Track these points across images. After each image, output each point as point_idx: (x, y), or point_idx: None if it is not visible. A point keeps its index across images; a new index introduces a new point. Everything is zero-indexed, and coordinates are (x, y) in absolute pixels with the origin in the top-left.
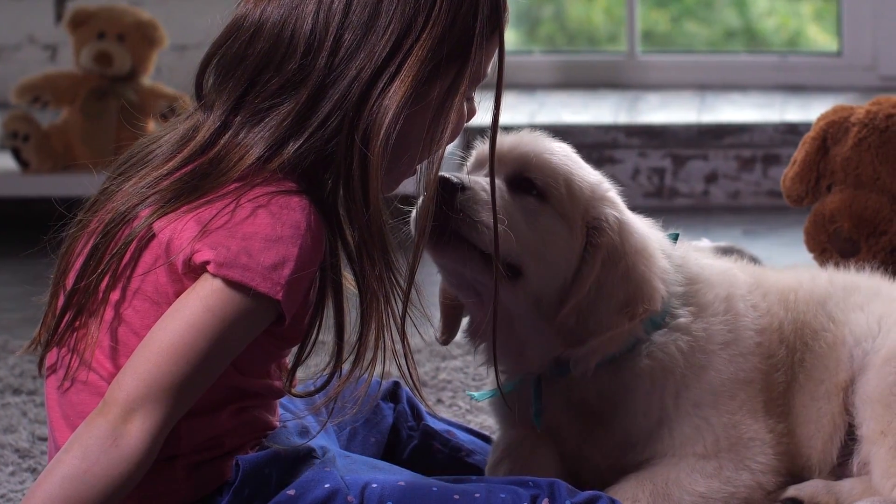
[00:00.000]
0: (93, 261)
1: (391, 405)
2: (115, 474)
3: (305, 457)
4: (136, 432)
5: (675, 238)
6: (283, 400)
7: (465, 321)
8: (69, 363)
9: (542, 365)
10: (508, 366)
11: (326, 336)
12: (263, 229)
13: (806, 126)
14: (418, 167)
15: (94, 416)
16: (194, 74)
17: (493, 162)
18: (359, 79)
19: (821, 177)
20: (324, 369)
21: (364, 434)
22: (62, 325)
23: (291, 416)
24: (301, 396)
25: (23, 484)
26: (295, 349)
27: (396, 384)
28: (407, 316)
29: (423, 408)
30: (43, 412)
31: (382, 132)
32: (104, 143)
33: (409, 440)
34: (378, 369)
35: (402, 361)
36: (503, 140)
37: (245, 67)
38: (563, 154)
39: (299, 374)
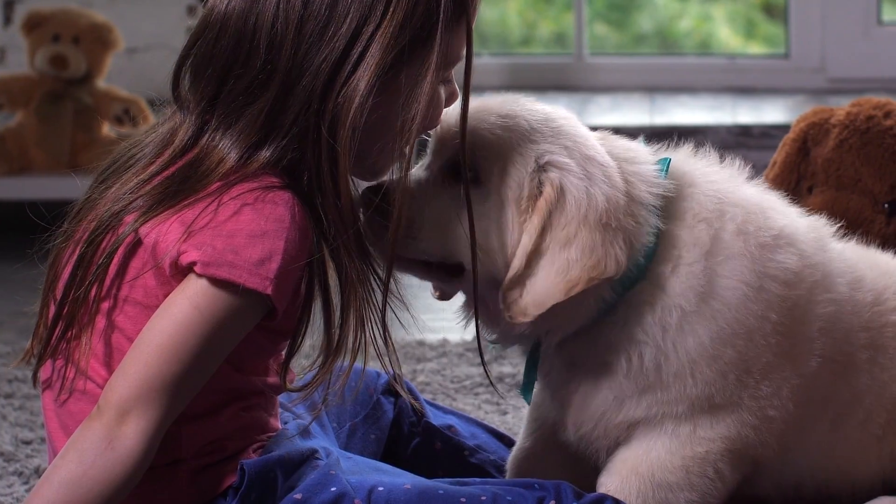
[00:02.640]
0: (80, 270)
1: (391, 399)
2: (112, 477)
3: (308, 458)
4: (131, 434)
5: (665, 164)
6: (282, 400)
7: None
8: (65, 375)
9: (526, 337)
10: (499, 339)
11: (319, 330)
12: (248, 226)
13: (759, 128)
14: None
15: (88, 421)
16: (171, 75)
17: (464, 145)
18: (322, 70)
19: (801, 178)
20: (312, 363)
21: (364, 431)
22: (54, 336)
23: (293, 416)
24: (297, 391)
25: (10, 487)
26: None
27: (396, 377)
28: (388, 307)
29: (424, 401)
30: (23, 415)
31: (349, 122)
32: (59, 146)
33: (411, 436)
34: (372, 363)
35: (384, 352)
36: (449, 115)
37: (215, 66)
38: (503, 126)
39: (297, 369)
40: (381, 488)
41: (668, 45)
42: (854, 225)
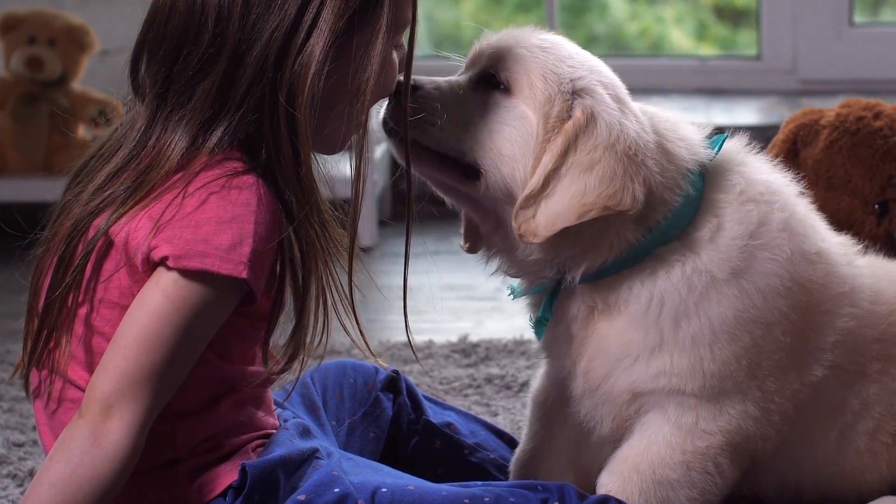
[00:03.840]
0: (58, 277)
1: (390, 396)
2: (100, 473)
3: (309, 458)
4: (116, 428)
5: (719, 142)
6: (277, 397)
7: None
8: (51, 385)
9: (545, 269)
10: (520, 272)
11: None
12: (216, 213)
13: (733, 129)
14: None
15: (74, 420)
16: (128, 65)
17: (407, 85)
18: (274, 39)
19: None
20: (288, 345)
21: (363, 429)
22: (38, 346)
23: (292, 415)
24: (280, 374)
25: (5, 490)
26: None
27: (396, 373)
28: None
29: (422, 399)
30: (13, 418)
31: (307, 88)
32: (35, 148)
33: (410, 434)
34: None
35: (350, 324)
36: (485, 39)
37: (167, 47)
38: (541, 47)
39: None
40: (384, 489)
41: (620, 47)
42: (845, 226)
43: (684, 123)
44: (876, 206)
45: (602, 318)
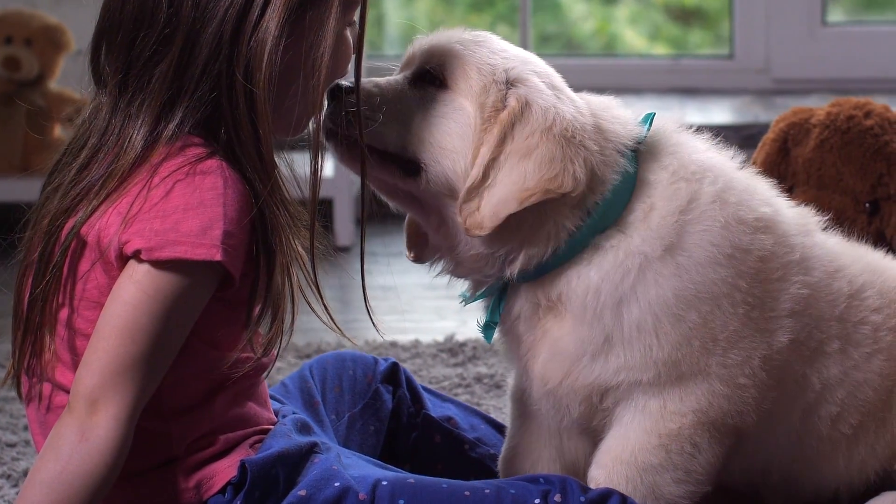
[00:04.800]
0: (38, 276)
1: (390, 388)
2: (90, 469)
3: (308, 453)
4: (103, 422)
5: (649, 119)
6: (275, 392)
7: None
8: (41, 391)
9: (487, 266)
10: (463, 272)
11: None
12: (183, 201)
13: (706, 128)
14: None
15: (61, 418)
16: (87, 56)
17: (359, 71)
18: (228, 16)
19: (782, 178)
20: (270, 328)
21: (363, 422)
22: (25, 350)
23: (292, 411)
24: (263, 356)
25: (0, 490)
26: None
27: (395, 365)
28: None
29: (422, 392)
30: (4, 418)
31: (265, 64)
32: (12, 148)
33: (411, 428)
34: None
35: (316, 301)
36: (418, 41)
37: (123, 32)
38: (475, 41)
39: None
40: (384, 482)
41: (573, 47)
42: (836, 224)
43: (617, 105)
44: (867, 205)
45: (548, 317)
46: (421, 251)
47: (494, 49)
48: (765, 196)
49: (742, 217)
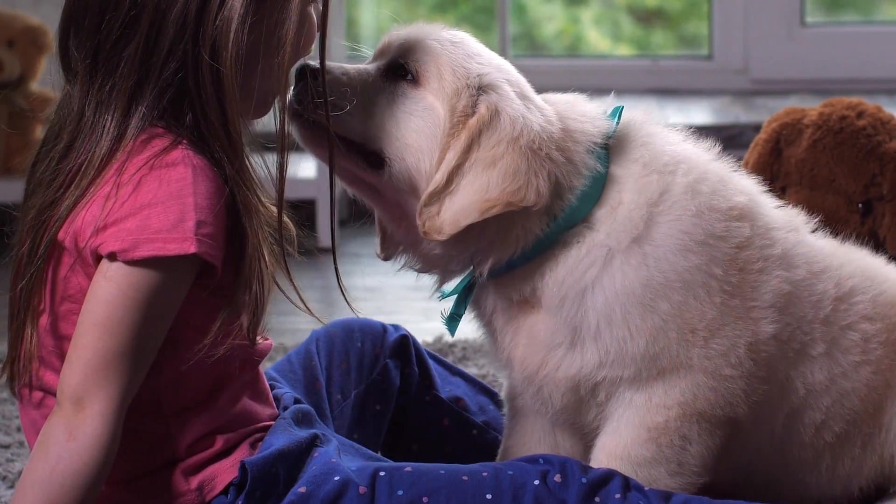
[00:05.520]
0: (21, 271)
1: (398, 364)
2: (80, 467)
3: (308, 447)
4: (89, 419)
5: (617, 113)
6: (273, 373)
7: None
8: (31, 395)
9: (451, 263)
10: (426, 267)
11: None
12: (153, 196)
13: (687, 128)
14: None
15: (49, 418)
16: (56, 43)
17: (323, 51)
18: None
19: (775, 178)
20: (252, 308)
21: (369, 402)
22: (16, 357)
23: (292, 398)
24: (253, 343)
25: None
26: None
27: (405, 338)
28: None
29: (432, 368)
30: None
31: (231, 42)
32: None
33: (418, 406)
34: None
35: (287, 279)
36: (396, 31)
37: (90, 17)
38: (452, 41)
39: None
40: (382, 473)
41: (537, 48)
42: (829, 225)
43: (582, 101)
44: (860, 205)
45: (524, 308)
46: (391, 251)
47: (470, 52)
48: (742, 187)
49: (715, 205)
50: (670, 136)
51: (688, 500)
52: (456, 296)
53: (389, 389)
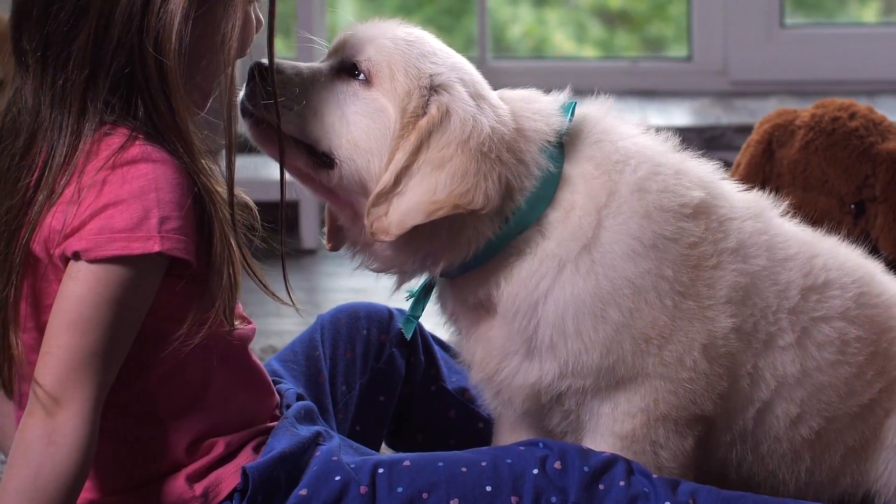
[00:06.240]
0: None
1: (404, 352)
2: (63, 470)
3: (310, 446)
4: (67, 420)
5: (570, 109)
6: (282, 358)
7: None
8: (20, 401)
9: (405, 264)
10: (381, 267)
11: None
12: (114, 196)
13: (668, 130)
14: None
15: (24, 422)
16: (9, 36)
17: (271, 50)
18: None
19: (767, 180)
20: (227, 293)
21: (373, 392)
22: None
23: (294, 394)
24: (232, 327)
25: None
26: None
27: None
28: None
29: (439, 356)
30: None
31: (174, 35)
32: None
33: (424, 395)
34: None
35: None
36: (351, 28)
37: (38, 8)
38: (407, 40)
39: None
40: (381, 469)
41: (502, 50)
42: (822, 226)
43: (539, 97)
44: (853, 206)
45: (481, 314)
46: (339, 242)
47: (425, 51)
48: (699, 179)
49: (665, 205)
50: (625, 130)
51: (696, 489)
52: (413, 299)
53: (394, 378)
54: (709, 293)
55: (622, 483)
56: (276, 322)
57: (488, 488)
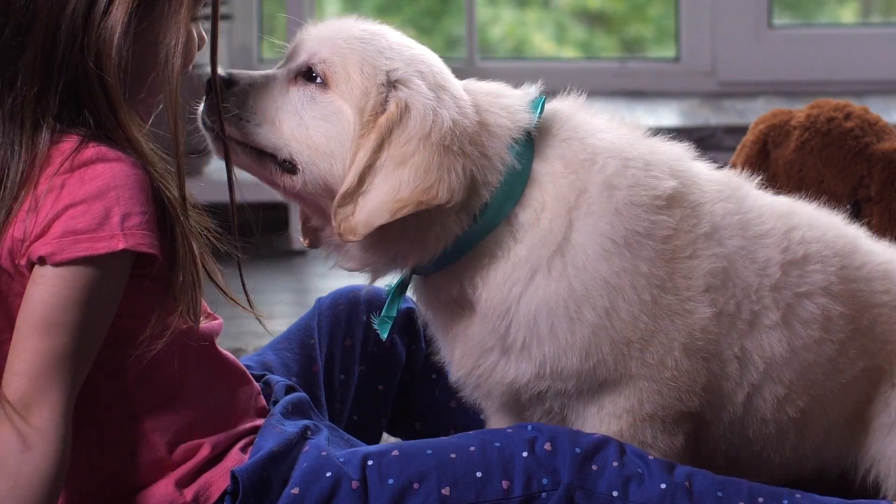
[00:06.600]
0: None
1: (405, 340)
2: (42, 475)
3: (299, 442)
4: (41, 424)
5: (539, 104)
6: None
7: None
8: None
9: (378, 263)
10: (355, 266)
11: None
12: (74, 197)
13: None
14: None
15: None
16: None
17: (214, 64)
18: (78, 4)
19: (762, 181)
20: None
21: (372, 380)
22: None
23: (283, 387)
24: (196, 323)
25: None
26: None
27: (412, 311)
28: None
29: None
30: None
31: (114, 52)
32: None
33: (424, 384)
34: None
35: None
36: (306, 29)
37: None
38: (361, 38)
39: None
40: (370, 462)
41: (482, 51)
42: None
43: (507, 92)
44: (848, 207)
45: (456, 309)
46: (316, 239)
47: (381, 47)
48: (670, 167)
49: (636, 200)
50: (595, 125)
51: (692, 472)
52: (388, 300)
53: (393, 366)
54: (687, 284)
55: (615, 463)
56: (267, 323)
57: (479, 474)
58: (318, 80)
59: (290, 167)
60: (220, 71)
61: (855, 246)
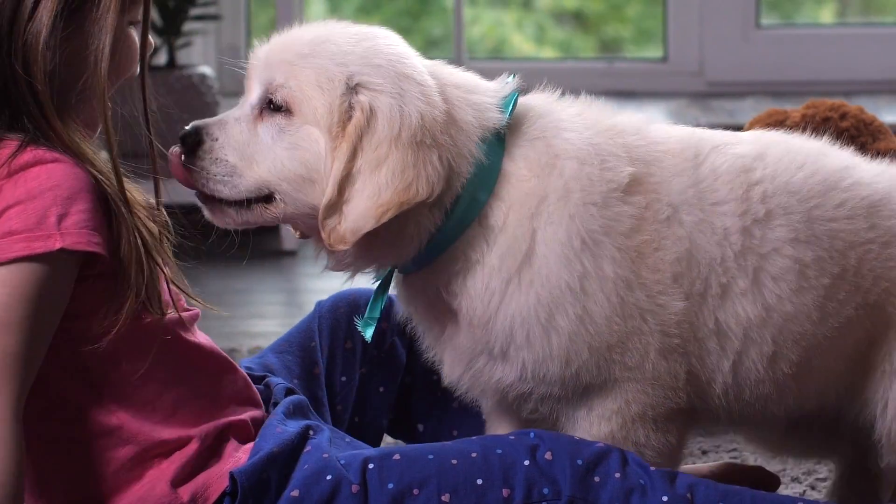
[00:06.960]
0: None
1: (405, 342)
2: (1, 479)
3: (301, 443)
4: None
5: (511, 102)
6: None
7: None
8: None
9: (364, 266)
10: (345, 269)
11: None
12: (11, 199)
13: None
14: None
15: None
16: None
17: (144, 72)
18: (3, 8)
19: None
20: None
21: (373, 383)
22: None
23: (283, 389)
24: (161, 315)
25: None
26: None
27: None
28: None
29: None
30: None
31: (40, 56)
32: None
33: (426, 385)
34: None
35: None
36: (256, 53)
37: None
38: (302, 54)
39: None
40: (371, 465)
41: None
42: None
43: (478, 86)
44: None
45: (440, 309)
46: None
47: (331, 53)
48: (628, 150)
49: (589, 199)
50: (563, 123)
51: (694, 482)
52: (370, 301)
53: (394, 368)
54: (656, 278)
55: (617, 475)
56: (261, 323)
57: (479, 481)
58: (283, 108)
59: (272, 199)
60: (193, 125)
61: (832, 182)
